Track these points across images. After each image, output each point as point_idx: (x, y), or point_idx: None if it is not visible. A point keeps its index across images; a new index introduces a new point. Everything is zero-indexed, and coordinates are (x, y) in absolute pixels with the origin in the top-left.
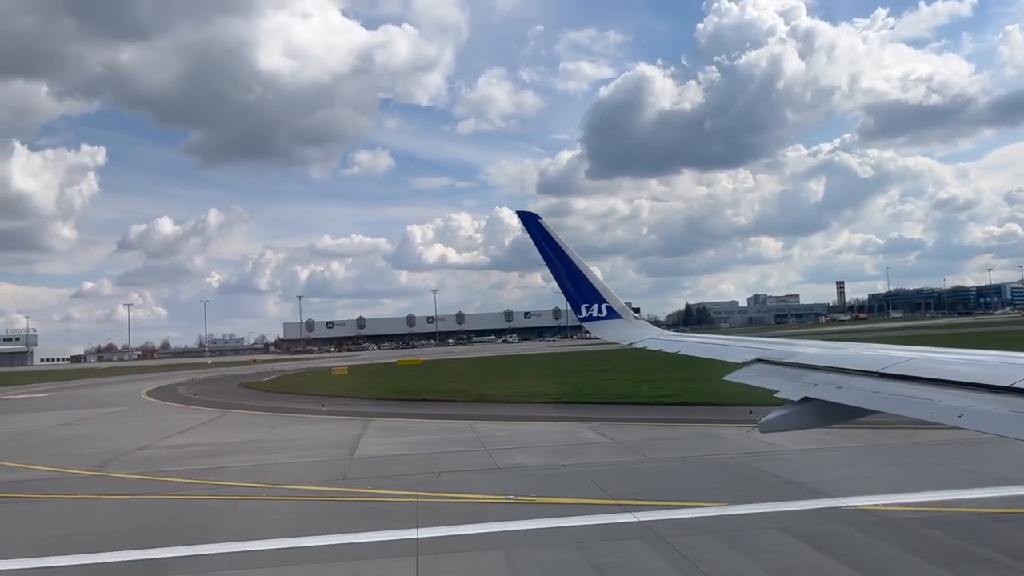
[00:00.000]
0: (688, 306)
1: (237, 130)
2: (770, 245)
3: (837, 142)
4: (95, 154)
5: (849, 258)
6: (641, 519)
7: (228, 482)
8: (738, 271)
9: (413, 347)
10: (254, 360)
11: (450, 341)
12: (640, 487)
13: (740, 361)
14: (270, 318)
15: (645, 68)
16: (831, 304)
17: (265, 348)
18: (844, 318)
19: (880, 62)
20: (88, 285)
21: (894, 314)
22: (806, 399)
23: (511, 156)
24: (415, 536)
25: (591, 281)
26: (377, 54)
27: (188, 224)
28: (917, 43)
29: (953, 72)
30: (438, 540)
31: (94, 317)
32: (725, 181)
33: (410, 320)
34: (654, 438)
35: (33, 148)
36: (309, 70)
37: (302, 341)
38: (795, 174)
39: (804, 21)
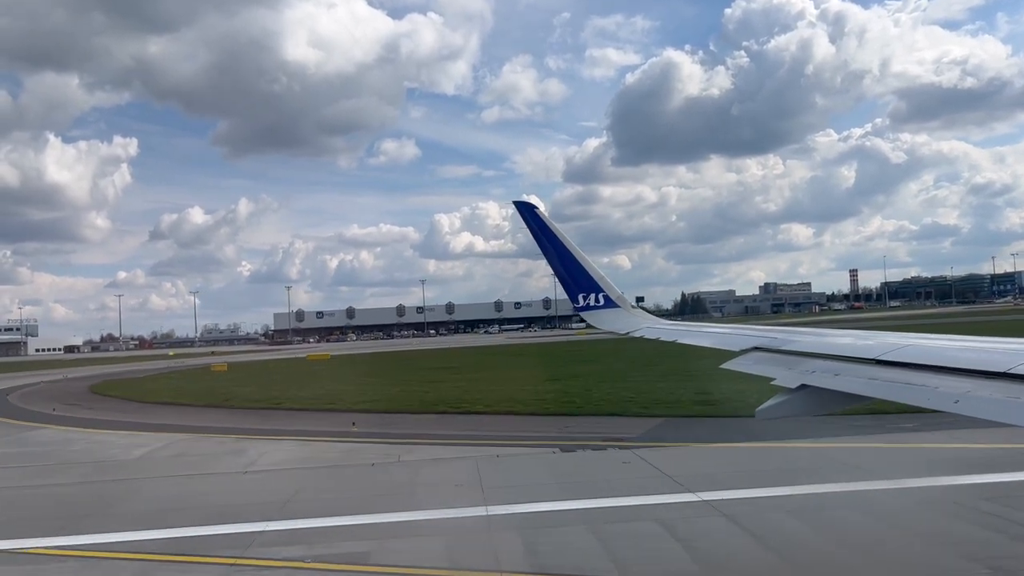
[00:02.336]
0: (684, 295)
1: (264, 120)
2: (800, 232)
3: (868, 127)
4: (127, 145)
5: (881, 245)
6: None
7: None
8: (768, 258)
9: (393, 337)
10: (212, 352)
11: (432, 332)
12: None
13: (737, 349)
14: (299, 306)
15: (672, 54)
16: (831, 293)
17: (261, 338)
18: (840, 307)
19: (912, 45)
20: (122, 275)
21: (893, 303)
22: (803, 386)
23: (538, 144)
24: None
25: (588, 270)
26: (403, 43)
27: (219, 214)
28: (951, 25)
29: (989, 54)
30: None
31: (128, 306)
32: (754, 167)
33: (400, 310)
34: (182, 454)
35: (66, 140)
36: (335, 60)
37: (290, 331)
38: (826, 160)
39: (834, 4)
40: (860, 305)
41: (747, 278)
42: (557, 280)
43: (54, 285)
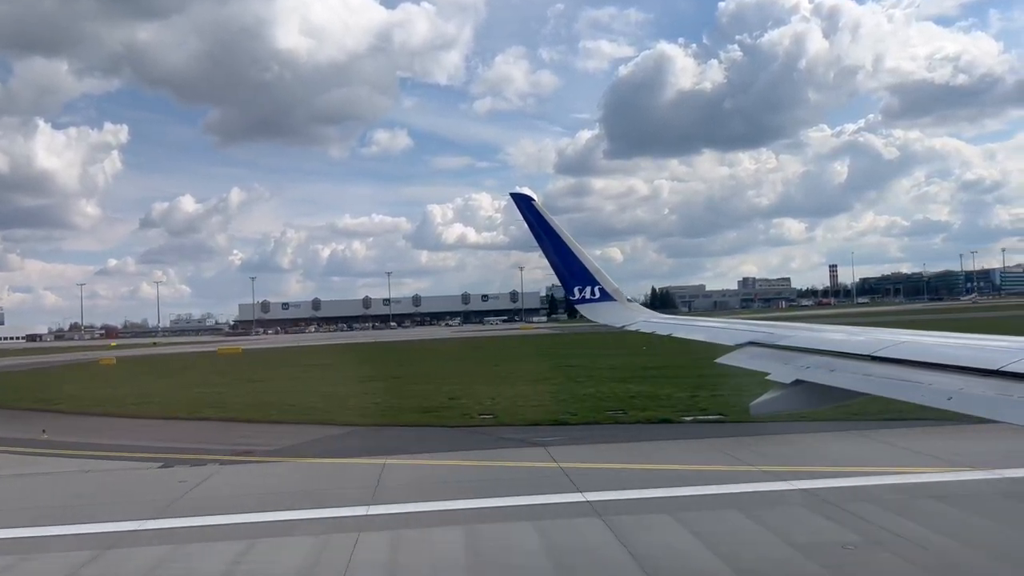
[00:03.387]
0: (654, 289)
1: (256, 109)
2: (793, 227)
3: (862, 122)
4: (117, 132)
5: (873, 240)
6: None
7: None
8: (760, 253)
9: (352, 329)
10: (154, 343)
11: (393, 325)
12: None
13: (732, 344)
14: (291, 296)
15: (666, 47)
16: (805, 289)
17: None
18: (808, 303)
19: (906, 41)
20: (112, 262)
21: (861, 299)
22: (797, 382)
23: (531, 135)
24: None
25: (584, 263)
26: (396, 33)
27: (210, 203)
28: (944, 21)
29: (981, 51)
30: None
31: (119, 294)
32: (747, 162)
33: (366, 302)
34: None
35: (56, 126)
36: (327, 49)
37: (254, 322)
38: (818, 155)
39: None
40: (827, 301)
41: (738, 272)
42: (542, 273)
43: (44, 272)
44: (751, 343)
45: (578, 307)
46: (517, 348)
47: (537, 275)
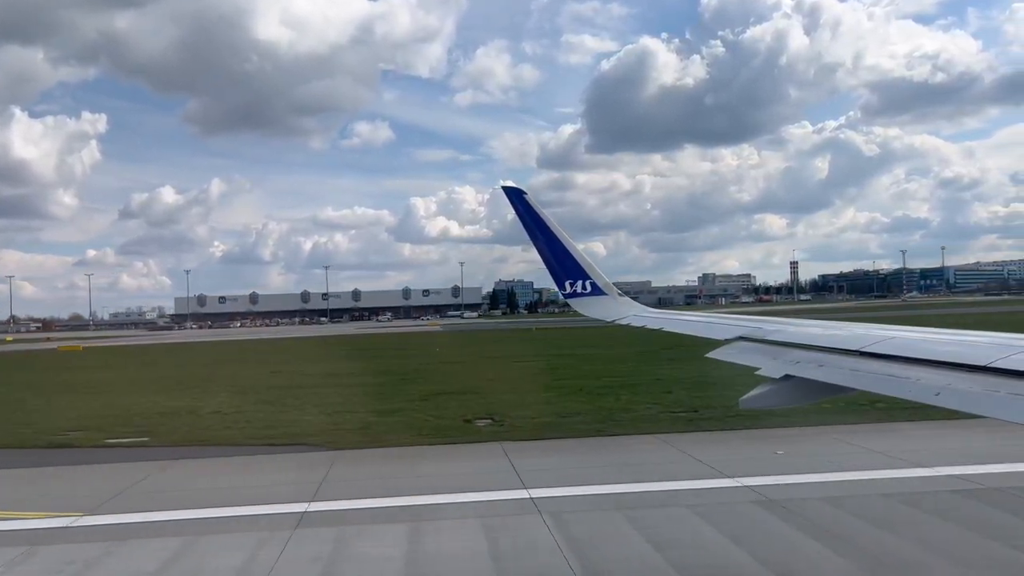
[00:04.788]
0: None
1: (236, 99)
2: (774, 222)
3: (842, 119)
4: (96, 121)
5: (854, 236)
6: None
7: None
8: (743, 248)
9: (278, 324)
10: (48, 338)
11: (323, 320)
12: None
13: (723, 339)
14: (274, 288)
15: (648, 42)
16: (761, 285)
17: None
18: (748, 300)
19: (886, 39)
20: (91, 253)
21: (802, 296)
22: (787, 376)
23: (515, 129)
24: None
25: (576, 257)
26: (377, 24)
27: (191, 194)
28: (923, 19)
29: (960, 49)
30: None
31: (97, 285)
32: (729, 158)
33: (304, 296)
34: None
35: (33, 115)
36: (308, 40)
37: (189, 316)
38: (800, 151)
39: None
40: (768, 298)
41: (721, 267)
42: (527, 267)
43: (22, 262)
44: (741, 338)
45: (570, 301)
46: (348, 348)
47: (518, 268)
